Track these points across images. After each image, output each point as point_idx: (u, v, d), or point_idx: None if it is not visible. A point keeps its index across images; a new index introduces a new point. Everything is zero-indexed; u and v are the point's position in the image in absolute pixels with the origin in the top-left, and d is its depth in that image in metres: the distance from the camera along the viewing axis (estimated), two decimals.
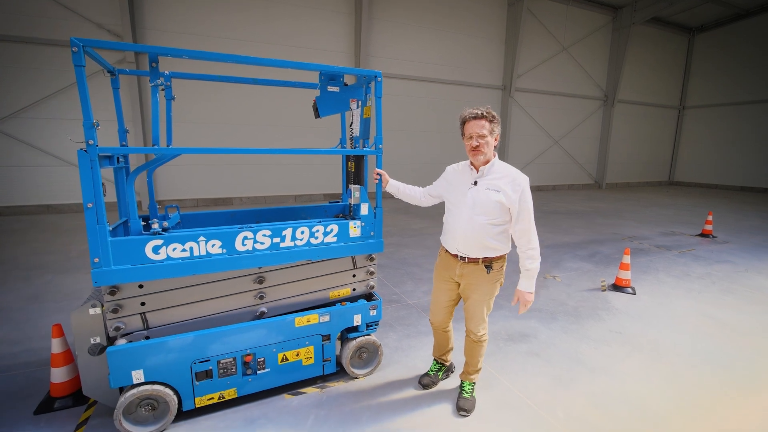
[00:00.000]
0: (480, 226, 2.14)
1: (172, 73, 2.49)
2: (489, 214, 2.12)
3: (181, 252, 2.10)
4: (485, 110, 2.11)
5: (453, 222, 2.27)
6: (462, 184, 2.26)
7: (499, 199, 2.10)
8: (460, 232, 2.20)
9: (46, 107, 8.59)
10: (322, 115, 2.40)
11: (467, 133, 2.15)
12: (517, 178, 2.13)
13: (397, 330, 3.45)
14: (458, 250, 2.26)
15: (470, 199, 2.18)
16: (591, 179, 17.17)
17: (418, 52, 12.30)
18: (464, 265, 2.28)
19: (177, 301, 2.21)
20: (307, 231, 2.38)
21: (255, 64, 2.09)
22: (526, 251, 2.16)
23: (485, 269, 2.25)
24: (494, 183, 2.13)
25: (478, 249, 2.19)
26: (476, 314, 2.37)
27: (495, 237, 2.17)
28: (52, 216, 8.70)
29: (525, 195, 2.10)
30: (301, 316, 2.46)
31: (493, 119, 2.11)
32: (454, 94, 13.08)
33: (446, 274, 2.42)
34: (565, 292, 4.44)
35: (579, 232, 7.70)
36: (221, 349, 2.28)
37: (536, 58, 14.39)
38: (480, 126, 2.09)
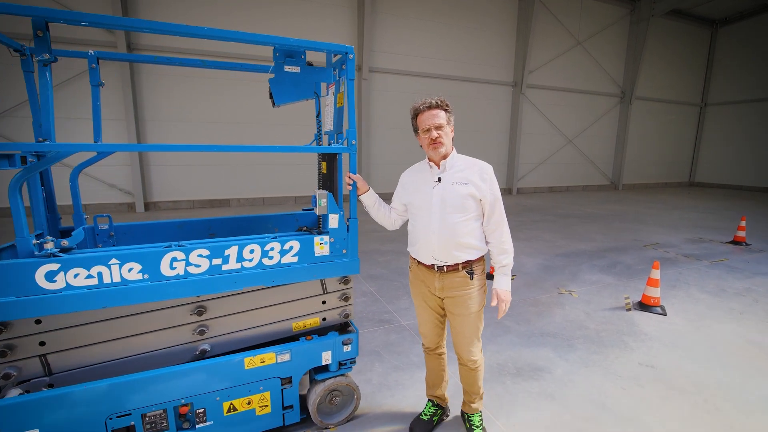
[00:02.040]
0: (454, 225, 1.89)
1: (98, 53, 2.02)
2: (462, 211, 1.89)
3: (86, 279, 1.62)
4: (438, 99, 1.89)
5: (423, 227, 1.96)
6: (423, 184, 1.98)
7: (470, 192, 1.87)
8: (434, 237, 1.91)
9: None
10: (279, 102, 1.90)
11: (423, 126, 1.89)
12: (483, 167, 1.93)
13: (385, 360, 2.93)
14: (434, 258, 1.95)
15: (437, 198, 1.91)
16: (607, 180, 16.38)
17: (424, 48, 11.75)
18: (443, 275, 1.97)
19: (89, 338, 1.73)
20: (258, 250, 1.88)
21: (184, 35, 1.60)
22: (499, 246, 1.95)
23: (467, 276, 1.95)
24: (460, 176, 1.90)
25: (457, 252, 1.92)
26: (467, 333, 2.03)
27: (471, 234, 1.92)
28: None
29: (494, 184, 1.92)
30: (253, 355, 1.95)
31: (447, 108, 1.90)
32: (462, 92, 12.51)
33: (424, 290, 2.07)
34: (584, 312, 3.86)
35: (596, 239, 7.07)
36: (147, 398, 1.79)
37: (549, 53, 13.71)
38: (436, 116, 1.86)
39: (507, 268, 1.95)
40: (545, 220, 8.84)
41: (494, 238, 1.94)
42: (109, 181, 9.16)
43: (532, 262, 5.57)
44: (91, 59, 2.00)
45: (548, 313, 3.83)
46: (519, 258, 5.71)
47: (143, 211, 9.39)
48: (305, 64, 1.89)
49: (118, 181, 9.25)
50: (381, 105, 11.55)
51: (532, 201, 12.20)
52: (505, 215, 1.93)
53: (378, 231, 7.27)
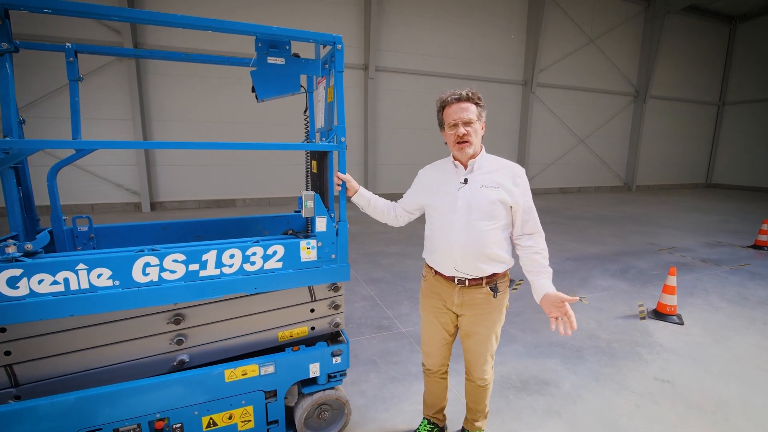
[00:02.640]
0: (481, 233, 1.67)
1: (75, 46, 1.91)
2: (491, 218, 1.67)
3: (51, 285, 1.51)
4: (470, 90, 1.67)
5: (445, 234, 1.73)
6: (447, 185, 1.76)
7: (500, 197, 1.66)
8: (458, 246, 1.69)
9: (46, 106, 8.36)
10: (262, 97, 1.77)
11: (449, 121, 1.67)
12: (516, 170, 1.72)
13: (381, 370, 2.78)
14: (457, 269, 1.73)
15: (463, 202, 1.69)
16: (620, 181, 15.97)
17: (432, 47, 11.58)
18: (464, 290, 1.76)
19: (58, 348, 1.62)
20: (238, 254, 1.75)
21: (155, 23, 1.48)
22: (539, 251, 1.70)
23: (491, 292, 1.74)
24: (489, 178, 1.69)
25: (483, 264, 1.70)
26: (483, 353, 1.85)
27: (499, 245, 1.70)
28: None
29: (527, 189, 1.72)
30: (234, 367, 1.83)
31: (479, 102, 1.68)
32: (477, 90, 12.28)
33: (438, 304, 1.85)
34: (595, 320, 3.66)
35: (609, 242, 6.81)
36: (120, 412, 1.68)
37: (560, 51, 13.41)
38: (465, 110, 1.64)
39: (550, 273, 1.67)
40: (555, 223, 8.58)
41: (529, 244, 1.67)
42: (116, 181, 9.20)
43: None
44: (69, 53, 1.89)
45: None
46: None
47: (149, 210, 9.41)
48: (290, 55, 1.76)
49: (124, 181, 9.28)
50: (387, 104, 11.42)
51: (542, 202, 11.92)
52: (539, 221, 1.70)
53: (383, 232, 7.13)
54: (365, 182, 11.47)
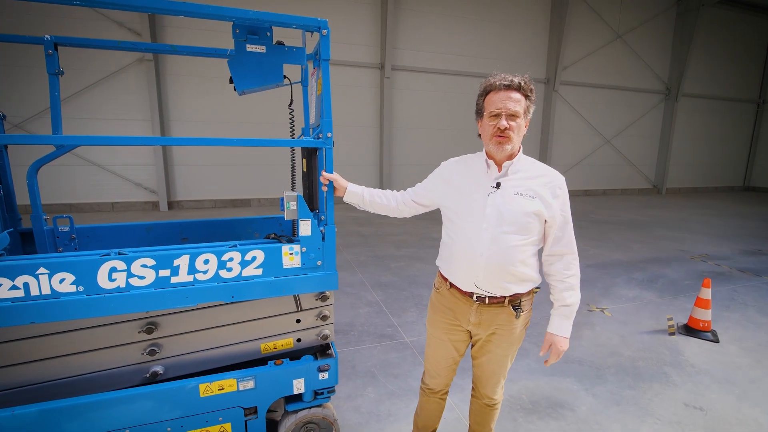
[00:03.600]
0: (510, 249, 1.45)
1: (54, 38, 1.83)
2: (523, 231, 1.45)
3: (10, 290, 1.40)
4: (524, 79, 1.40)
5: (467, 244, 1.51)
6: (475, 186, 1.52)
7: (536, 209, 1.43)
8: (482, 260, 1.47)
9: (68, 107, 8.61)
10: (240, 88, 1.63)
11: (491, 109, 1.41)
12: (556, 178, 1.49)
13: (379, 383, 2.60)
14: (477, 286, 1.51)
15: (493, 210, 1.46)
16: (648, 183, 15.20)
17: (450, 45, 11.31)
18: (483, 309, 1.55)
19: (22, 356, 1.52)
20: (214, 260, 1.61)
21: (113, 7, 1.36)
22: (566, 279, 1.51)
23: (513, 311, 1.54)
24: (526, 185, 1.46)
25: (508, 282, 1.49)
26: (495, 373, 1.67)
27: (529, 262, 1.49)
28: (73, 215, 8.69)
29: (567, 202, 1.50)
30: (209, 381, 1.69)
31: (530, 95, 1.42)
32: None
33: (450, 320, 1.63)
34: (618, 334, 3.36)
35: (635, 248, 6.39)
36: (85, 427, 1.57)
37: (585, 47, 12.86)
38: (514, 101, 1.38)
39: (571, 309, 1.52)
40: (577, 226, 8.08)
41: (558, 270, 1.50)
42: (135, 180, 9.38)
43: None
44: (48, 45, 1.81)
45: (575, 334, 3.35)
46: None
47: (167, 209, 9.55)
48: (272, 43, 1.61)
49: (143, 180, 9.45)
50: (403, 104, 11.22)
51: None
52: (574, 240, 1.51)
53: (395, 234, 6.94)
54: (380, 183, 11.32)
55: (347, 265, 5.21)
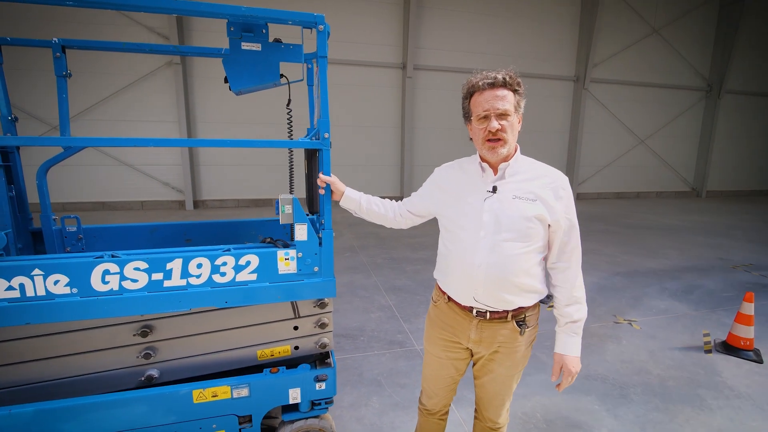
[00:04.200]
0: (511, 258, 1.32)
1: (62, 41, 1.85)
2: (525, 238, 1.32)
3: (6, 291, 1.41)
4: (507, 73, 1.29)
5: (464, 254, 1.38)
6: (470, 192, 1.41)
7: (538, 213, 1.30)
8: (480, 271, 1.34)
9: (101, 109, 9.02)
10: (235, 88, 1.58)
11: (478, 111, 1.30)
12: (558, 179, 1.35)
13: (385, 393, 2.50)
14: (476, 300, 1.38)
15: (490, 217, 1.33)
16: (687, 186, 14.33)
17: (474, 43, 11.06)
18: (484, 324, 1.41)
19: (20, 355, 1.54)
20: (207, 264, 1.57)
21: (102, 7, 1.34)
22: (572, 293, 1.37)
23: (517, 327, 1.40)
24: (525, 187, 1.33)
25: (510, 294, 1.35)
26: (499, 394, 1.52)
27: (532, 272, 1.35)
28: (105, 213, 9.11)
29: (571, 204, 1.36)
30: (203, 388, 1.65)
31: (518, 88, 1.30)
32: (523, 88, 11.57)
33: (450, 338, 1.50)
34: (647, 350, 3.11)
35: (670, 255, 5.99)
36: (80, 429, 1.56)
37: (618, 43, 12.26)
38: (501, 99, 1.27)
39: (579, 325, 1.38)
40: (608, 231, 7.77)
41: (563, 280, 1.37)
42: (163, 180, 9.71)
43: (585, 280, 4.66)
44: (56, 48, 1.84)
45: (598, 347, 3.14)
46: None
47: (192, 208, 9.83)
48: (267, 40, 1.55)
49: (171, 179, 9.77)
50: (426, 104, 11.07)
51: (595, 208, 10.95)
52: (581, 248, 1.38)
53: (412, 236, 6.82)
54: (401, 184, 11.22)
55: (362, 268, 5.14)
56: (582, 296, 1.38)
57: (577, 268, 1.37)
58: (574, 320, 1.37)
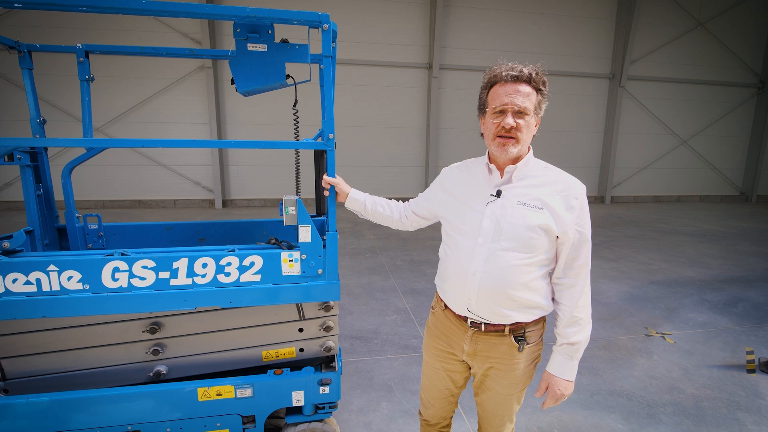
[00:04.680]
0: (509, 269, 1.22)
1: (85, 46, 1.93)
2: (526, 249, 1.22)
3: (24, 285, 1.48)
4: (534, 69, 1.18)
5: (459, 261, 1.31)
6: (473, 196, 1.33)
7: (543, 223, 1.20)
8: (474, 280, 1.26)
9: (140, 111, 9.50)
10: (242, 89, 1.58)
11: (496, 104, 1.19)
12: (572, 186, 1.23)
13: (394, 399, 2.45)
14: (470, 309, 1.30)
15: (490, 222, 1.25)
16: (735, 189, 13.34)
17: (503, 40, 10.79)
18: (479, 337, 1.33)
19: (39, 347, 1.61)
20: (212, 264, 1.58)
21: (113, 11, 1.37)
22: (574, 312, 1.26)
23: (515, 343, 1.30)
24: (532, 194, 1.23)
25: (506, 309, 1.26)
26: (498, 414, 1.43)
27: (533, 286, 1.25)
28: (141, 210, 9.58)
29: (585, 215, 1.24)
30: (207, 386, 1.67)
31: (542, 88, 1.20)
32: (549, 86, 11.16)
33: (445, 348, 1.44)
34: (680, 366, 2.89)
35: (712, 264, 5.57)
36: (91, 420, 1.62)
37: (657, 38, 11.60)
38: (522, 95, 1.16)
39: (577, 348, 1.27)
40: (643, 237, 7.34)
41: (567, 298, 1.26)
42: (194, 179, 10.10)
43: (616, 289, 4.53)
44: (79, 53, 1.92)
45: (626, 362, 2.95)
46: (599, 282, 4.71)
47: (221, 207, 10.17)
48: (273, 41, 1.55)
49: (202, 179, 10.15)
50: (452, 104, 10.91)
51: (630, 212, 10.40)
52: (590, 265, 1.26)
53: (435, 238, 6.72)
54: (425, 185, 11.10)
55: (381, 269, 5.11)
56: (585, 318, 1.26)
57: (584, 286, 1.25)
58: (571, 342, 1.26)
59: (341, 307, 3.87)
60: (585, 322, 1.27)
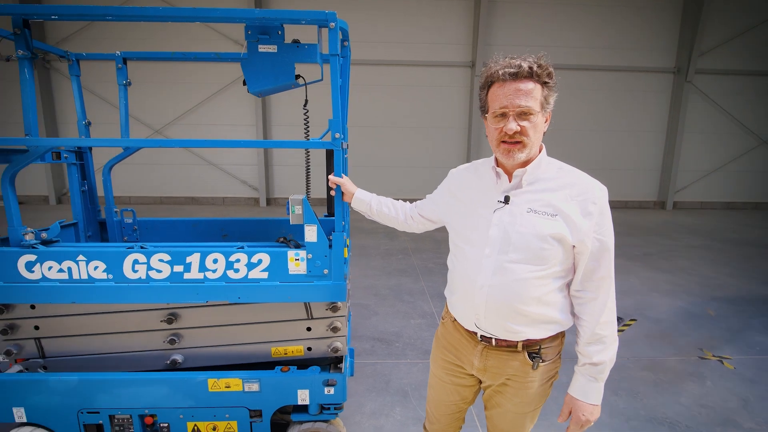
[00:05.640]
0: (519, 282, 1.11)
1: (123, 53, 2.08)
2: (537, 260, 1.11)
3: (58, 273, 1.62)
4: (535, 61, 1.05)
5: (467, 272, 1.22)
6: (480, 202, 1.22)
7: (556, 231, 1.08)
8: (482, 294, 1.16)
9: (195, 114, 10.18)
10: (253, 90, 1.62)
11: (495, 108, 1.09)
12: (589, 191, 1.10)
13: (409, 405, 2.39)
14: (478, 324, 1.21)
15: (498, 232, 1.14)
16: None
17: (553, 35, 10.25)
18: (489, 352, 1.23)
19: (72, 329, 1.76)
20: (222, 260, 1.63)
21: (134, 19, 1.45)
22: (594, 330, 1.12)
23: (529, 360, 1.19)
24: (544, 199, 1.11)
25: (517, 324, 1.15)
26: None
27: (547, 300, 1.13)
28: (194, 207, 10.27)
29: (605, 221, 1.10)
30: (217, 378, 1.72)
31: (548, 80, 1.07)
32: (600, 83, 10.47)
33: (453, 361, 1.35)
34: (740, 396, 2.55)
35: None
36: (114, 401, 1.74)
37: (731, 27, 10.38)
38: (524, 94, 1.05)
39: (601, 369, 1.13)
40: (708, 247, 6.61)
41: (587, 313, 1.13)
42: (242, 178, 10.64)
43: (669, 304, 4.10)
44: (118, 60, 2.07)
45: (673, 386, 2.65)
46: (649, 296, 4.30)
47: (265, 205, 10.61)
48: (283, 42, 1.56)
49: (248, 178, 10.66)
50: None
51: (694, 219, 9.43)
52: (613, 277, 1.13)
53: None
54: None
55: (412, 271, 5.05)
56: (609, 335, 1.12)
57: (606, 300, 1.12)
58: (594, 363, 1.13)
59: (366, 307, 3.87)
60: (610, 340, 1.13)
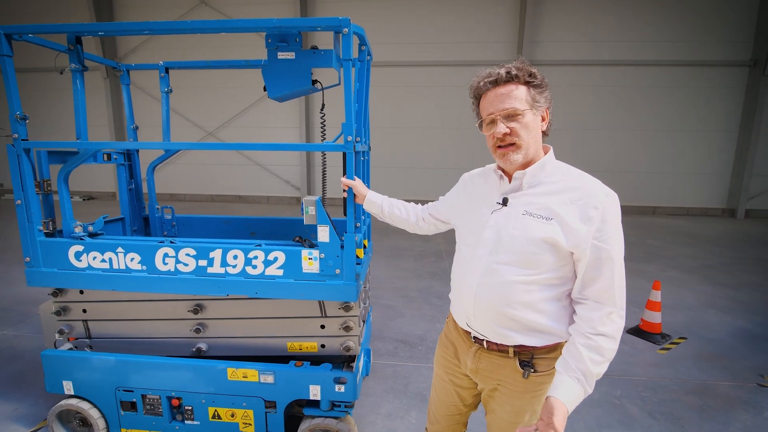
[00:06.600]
0: (506, 285, 1.10)
1: (166, 63, 2.27)
2: (527, 264, 1.08)
3: (101, 262, 1.80)
4: (514, 66, 1.08)
5: (462, 272, 1.23)
6: (481, 204, 1.23)
7: (549, 235, 1.04)
8: (470, 294, 1.17)
9: (244, 117, 10.77)
10: (273, 95, 1.70)
11: (485, 117, 1.13)
12: (591, 196, 1.05)
13: (425, 409, 2.37)
14: (469, 324, 1.22)
15: (492, 233, 1.14)
16: None
17: (603, 30, 9.61)
18: (482, 354, 1.23)
19: (113, 314, 1.95)
20: (241, 256, 1.72)
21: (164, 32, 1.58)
22: (593, 335, 1.02)
23: (520, 368, 1.15)
24: (541, 202, 1.09)
25: (505, 328, 1.13)
26: None
27: (539, 307, 1.10)
28: (241, 205, 10.86)
29: (608, 229, 1.03)
30: (235, 367, 1.82)
31: (531, 80, 1.08)
32: (660, 80, 9.66)
33: (452, 358, 1.36)
34: None
35: None
36: (145, 381, 1.90)
37: None
38: (507, 97, 1.07)
39: (587, 374, 1.01)
40: None
41: (587, 318, 1.04)
42: (285, 178, 11.09)
43: (728, 322, 3.71)
44: (161, 69, 2.26)
45: (722, 413, 2.40)
46: (705, 313, 3.92)
47: None
48: (301, 48, 1.62)
49: (291, 178, 11.09)
50: None
51: (765, 229, 8.42)
52: (623, 287, 1.05)
53: None
54: None
55: (443, 275, 4.99)
56: (606, 348, 1.01)
57: (610, 307, 1.02)
58: (585, 371, 1.01)
59: (393, 309, 3.88)
60: (606, 351, 1.01)
